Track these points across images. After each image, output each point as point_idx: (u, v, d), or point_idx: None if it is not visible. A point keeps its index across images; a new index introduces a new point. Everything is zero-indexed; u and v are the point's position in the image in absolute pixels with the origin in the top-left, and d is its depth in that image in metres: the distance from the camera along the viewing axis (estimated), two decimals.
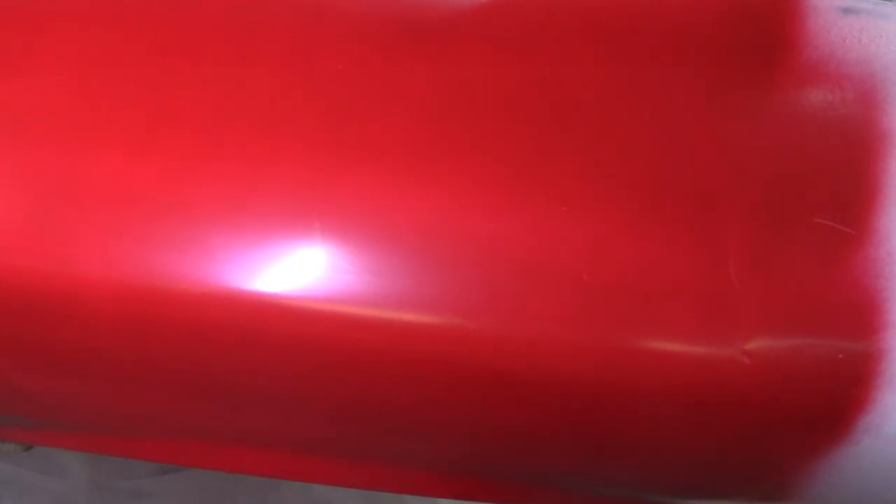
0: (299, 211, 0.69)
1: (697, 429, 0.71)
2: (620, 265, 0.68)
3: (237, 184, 0.69)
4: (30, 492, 1.58)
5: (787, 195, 0.70)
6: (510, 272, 0.68)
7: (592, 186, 0.70)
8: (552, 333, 0.68)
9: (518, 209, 0.69)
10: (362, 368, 0.70)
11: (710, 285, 0.68)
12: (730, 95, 0.72)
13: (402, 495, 1.47)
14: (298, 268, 0.69)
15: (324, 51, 0.73)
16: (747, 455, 0.73)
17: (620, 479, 0.79)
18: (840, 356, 0.68)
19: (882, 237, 0.69)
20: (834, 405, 0.69)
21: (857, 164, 0.71)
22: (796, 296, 0.68)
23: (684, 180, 0.70)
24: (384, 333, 0.69)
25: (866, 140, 0.71)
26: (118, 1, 0.74)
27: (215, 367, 0.72)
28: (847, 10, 0.75)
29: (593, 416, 0.71)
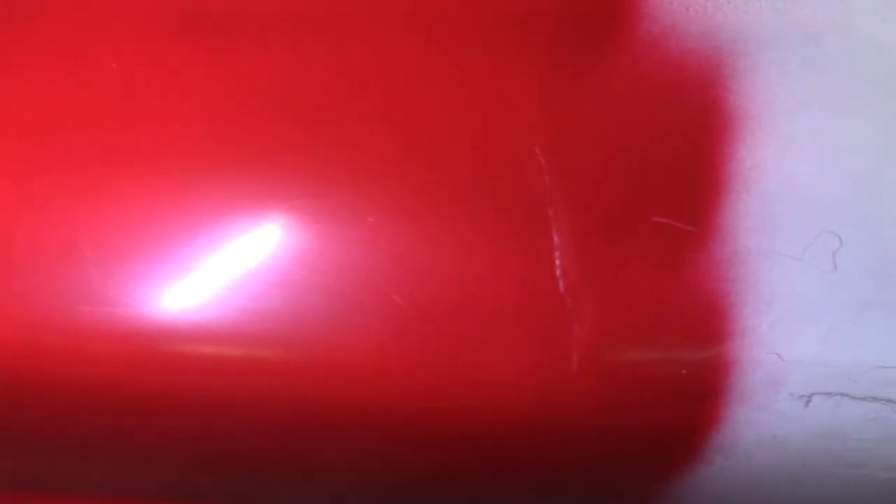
0: (64, 233, 0.60)
1: (530, 456, 0.64)
2: (434, 283, 0.60)
3: None
4: None
5: (622, 191, 0.62)
6: (309, 294, 0.60)
7: (401, 192, 0.61)
8: (364, 363, 0.60)
9: (317, 221, 0.60)
10: (156, 405, 0.62)
11: (535, 300, 0.60)
12: (557, 79, 0.63)
13: None
14: (69, 300, 0.60)
15: (97, 47, 0.64)
16: (590, 482, 0.66)
17: None
18: (683, 371, 0.60)
19: (727, 234, 0.61)
20: (680, 425, 0.62)
21: (700, 151, 0.63)
22: (632, 307, 0.60)
23: (504, 180, 0.61)
24: (177, 369, 0.60)
25: (710, 123, 0.63)
26: None
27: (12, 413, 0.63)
28: None
29: (416, 448, 0.64)
